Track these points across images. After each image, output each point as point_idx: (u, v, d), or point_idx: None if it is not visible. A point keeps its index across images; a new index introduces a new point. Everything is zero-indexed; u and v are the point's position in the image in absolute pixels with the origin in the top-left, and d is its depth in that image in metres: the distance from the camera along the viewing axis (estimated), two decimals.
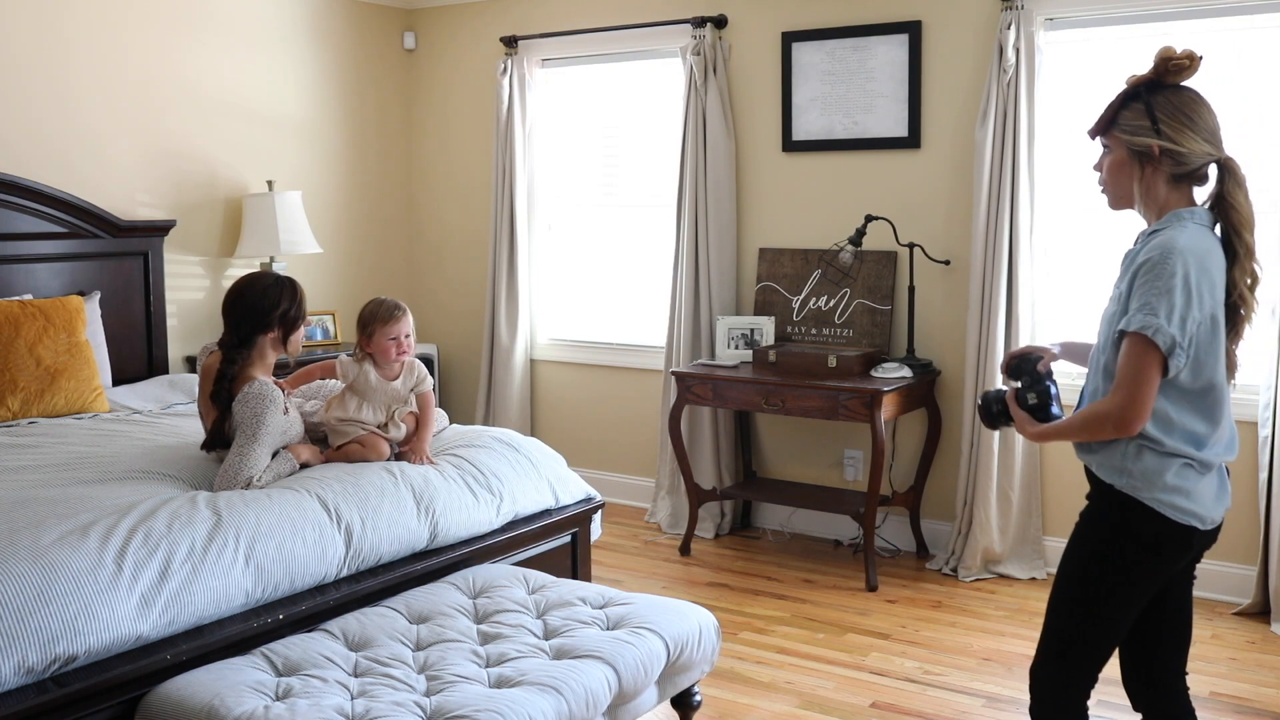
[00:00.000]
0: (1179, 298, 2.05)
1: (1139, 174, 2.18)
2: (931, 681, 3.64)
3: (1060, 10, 4.42)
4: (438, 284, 6.26)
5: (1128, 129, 2.18)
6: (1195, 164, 2.14)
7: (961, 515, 4.63)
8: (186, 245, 5.13)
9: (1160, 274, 2.06)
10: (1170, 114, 2.14)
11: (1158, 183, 2.17)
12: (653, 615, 2.89)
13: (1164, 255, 2.07)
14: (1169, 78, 2.15)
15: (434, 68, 6.12)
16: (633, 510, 5.58)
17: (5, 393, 3.92)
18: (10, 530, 2.61)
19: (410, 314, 3.42)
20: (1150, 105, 2.15)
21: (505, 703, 2.38)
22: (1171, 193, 2.18)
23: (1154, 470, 2.13)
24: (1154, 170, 2.16)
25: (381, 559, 3.06)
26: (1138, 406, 2.07)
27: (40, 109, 4.60)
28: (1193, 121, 2.13)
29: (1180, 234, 2.10)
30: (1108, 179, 2.25)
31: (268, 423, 3.08)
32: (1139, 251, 2.15)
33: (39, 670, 2.36)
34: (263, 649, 2.62)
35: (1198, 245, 2.10)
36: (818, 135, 4.99)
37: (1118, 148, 2.21)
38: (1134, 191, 2.20)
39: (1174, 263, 2.06)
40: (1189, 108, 2.14)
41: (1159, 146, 2.14)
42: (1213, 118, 2.16)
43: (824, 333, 4.97)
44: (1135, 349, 2.07)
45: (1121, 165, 2.20)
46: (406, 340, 3.37)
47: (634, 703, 2.75)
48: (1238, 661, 3.79)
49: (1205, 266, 2.10)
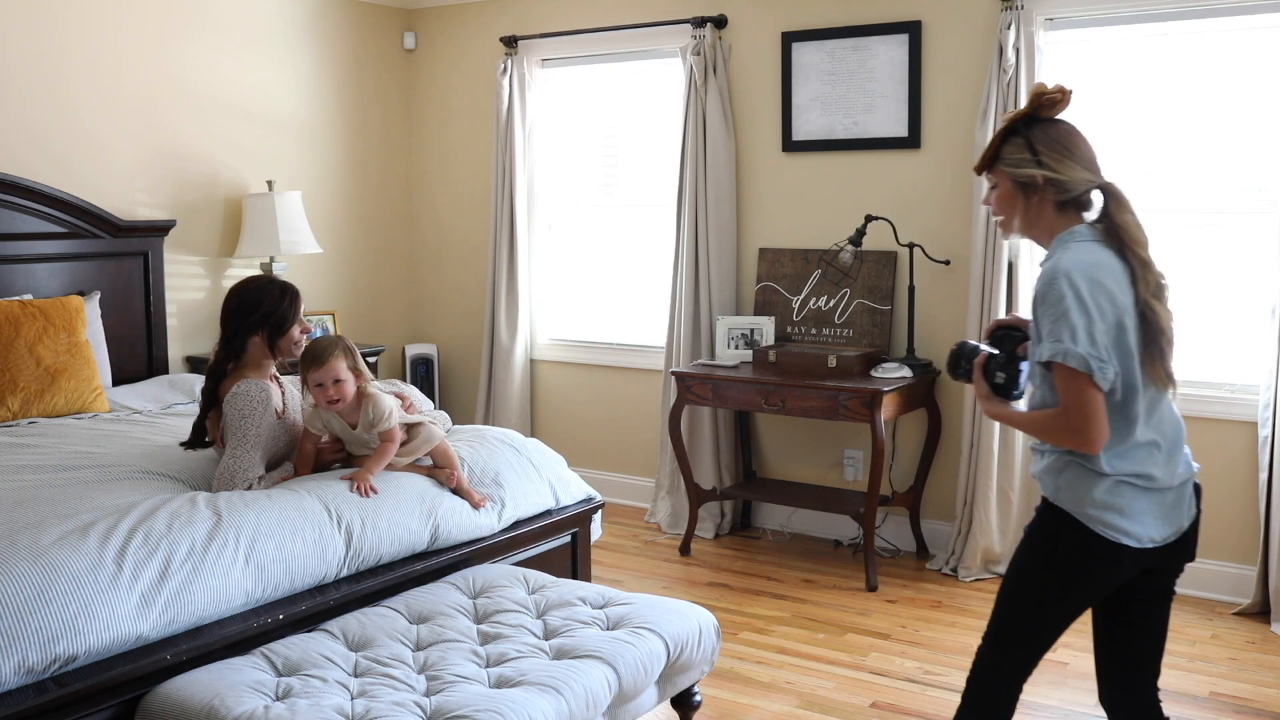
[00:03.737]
0: (1077, 317, 2.11)
1: (1024, 204, 2.28)
2: (931, 681, 3.64)
3: (1060, 10, 4.42)
4: (438, 284, 6.26)
5: (1011, 162, 2.27)
6: (1077, 190, 2.24)
7: (961, 515, 4.63)
8: (186, 245, 5.13)
9: (1051, 299, 2.14)
10: (1048, 145, 2.24)
11: (1045, 210, 2.27)
12: (653, 615, 2.89)
13: (1051, 280, 2.15)
14: (1044, 111, 2.28)
15: (434, 68, 6.12)
16: (633, 510, 5.58)
17: (5, 393, 3.92)
18: (10, 530, 2.61)
19: (346, 355, 3.09)
20: (1029, 139, 2.26)
21: (505, 703, 2.38)
22: (1058, 219, 2.27)
23: (1080, 485, 2.20)
24: (1040, 199, 2.26)
25: (382, 559, 3.05)
26: (1088, 427, 2.13)
27: (40, 109, 4.60)
28: (1070, 151, 2.24)
29: (1064, 255, 2.19)
30: (998, 210, 2.34)
31: (257, 423, 3.06)
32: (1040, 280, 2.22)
33: (39, 670, 2.36)
34: (263, 649, 2.62)
35: (1084, 260, 2.17)
36: (818, 135, 4.99)
37: (1003, 181, 2.30)
38: (1022, 222, 2.31)
39: (1061, 285, 2.13)
40: (1065, 139, 2.26)
41: (1042, 176, 2.23)
42: (1088, 147, 2.27)
43: (824, 333, 4.97)
44: (1061, 377, 2.14)
45: (1009, 197, 2.30)
46: (336, 386, 3.06)
47: (634, 703, 2.76)
48: (1238, 661, 3.78)
49: (1096, 279, 2.15)
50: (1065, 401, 2.15)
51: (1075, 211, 2.27)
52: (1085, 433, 2.14)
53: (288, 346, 3.20)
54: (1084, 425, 2.13)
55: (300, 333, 3.22)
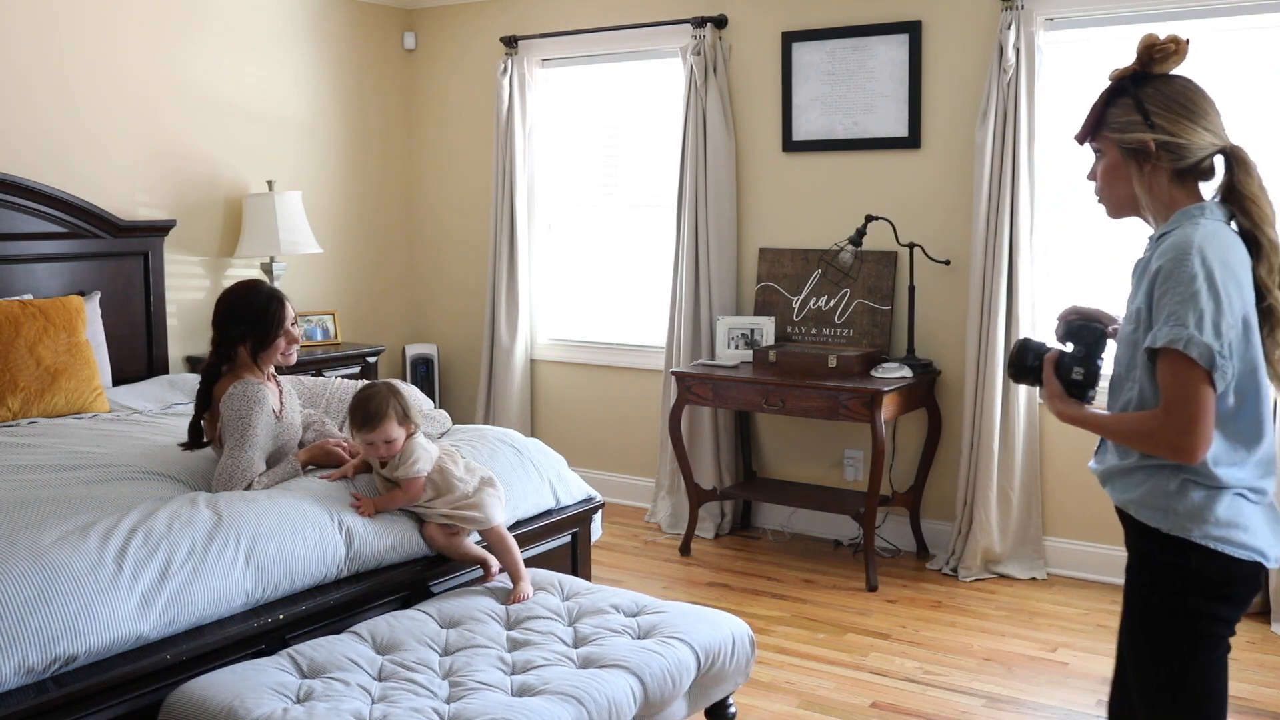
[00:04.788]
0: (1206, 301, 1.83)
1: (1137, 175, 1.98)
2: (931, 681, 3.63)
3: (1060, 10, 4.42)
4: (438, 284, 6.26)
5: (1117, 127, 1.99)
6: (1197, 156, 1.95)
7: (961, 515, 4.63)
8: (186, 245, 5.13)
9: (1180, 278, 1.84)
10: (1162, 105, 1.95)
11: (1159, 181, 1.97)
12: (684, 624, 2.82)
13: (1180, 256, 1.86)
14: (1155, 67, 1.97)
15: (434, 68, 6.12)
16: (633, 510, 5.58)
17: (5, 393, 3.92)
18: (10, 530, 2.61)
19: (396, 414, 2.98)
20: (1139, 99, 1.96)
21: (523, 711, 2.35)
22: (1176, 190, 1.97)
23: (1200, 505, 1.90)
24: (1153, 168, 1.96)
25: (382, 561, 3.05)
26: (1195, 432, 1.84)
27: (40, 109, 4.60)
28: (1188, 110, 1.94)
29: (1194, 231, 1.89)
30: (1103, 185, 2.05)
31: (254, 424, 3.05)
32: (1150, 259, 1.94)
33: (39, 670, 2.36)
34: (289, 650, 2.60)
35: (1216, 241, 1.88)
36: (818, 135, 4.99)
37: (1110, 149, 2.01)
38: (1134, 195, 2.01)
39: (1193, 263, 1.84)
40: (1182, 96, 1.95)
41: (1154, 141, 1.94)
42: (1210, 104, 1.97)
43: (824, 333, 4.97)
44: (1173, 368, 1.84)
45: (1116, 168, 2.01)
46: (387, 445, 3.00)
47: (663, 714, 2.69)
48: (1238, 662, 3.78)
49: (1228, 264, 1.87)
50: (1171, 398, 1.85)
51: (1194, 182, 1.98)
52: (1189, 436, 1.84)
53: (273, 357, 3.18)
54: (1189, 428, 1.84)
55: (287, 344, 3.18)
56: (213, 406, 3.15)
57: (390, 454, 3.03)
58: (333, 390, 3.65)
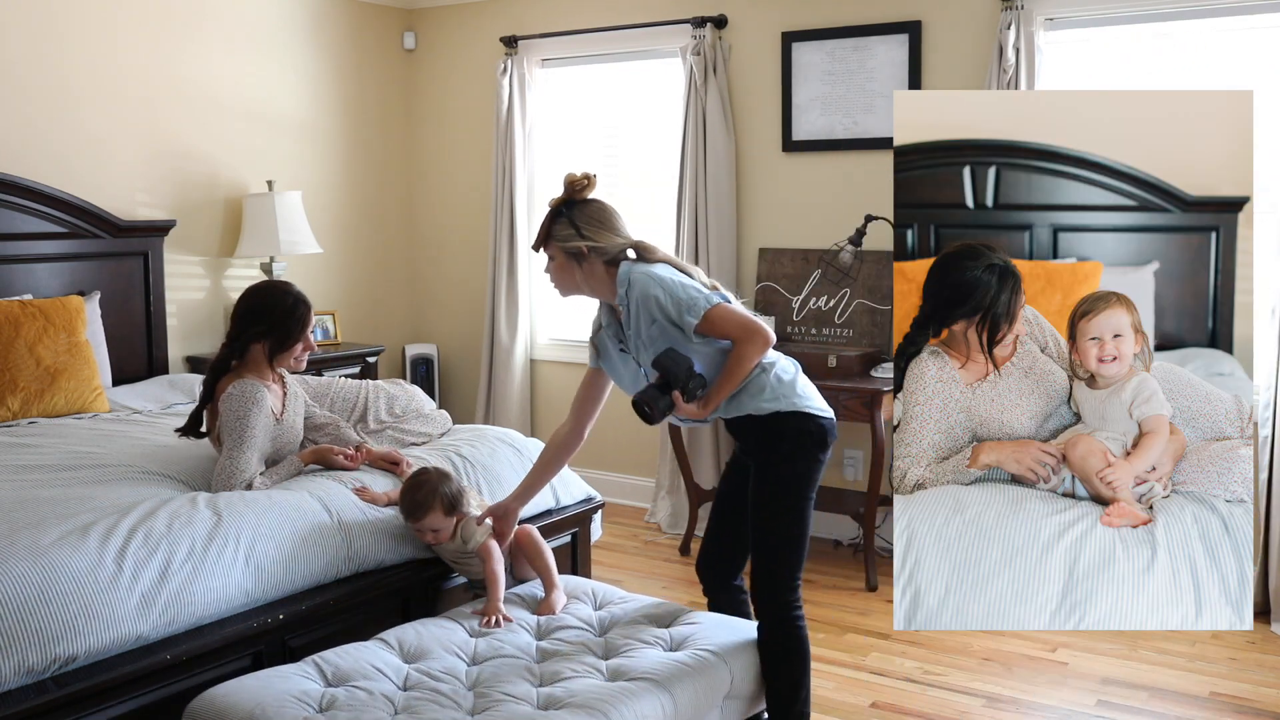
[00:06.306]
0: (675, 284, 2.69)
1: (578, 268, 2.79)
2: (931, 681, 3.64)
3: (1060, 10, 4.42)
4: (438, 284, 6.26)
5: (560, 239, 2.78)
6: (615, 252, 2.78)
7: None
8: (186, 245, 5.13)
9: (666, 290, 2.66)
10: (586, 221, 2.77)
11: (596, 269, 2.79)
12: (718, 637, 2.76)
13: (647, 280, 2.68)
14: (578, 195, 2.79)
15: (434, 68, 6.12)
16: (633, 510, 5.58)
17: (5, 393, 3.92)
18: (10, 530, 2.61)
19: (442, 504, 2.99)
20: (572, 218, 2.77)
21: None
22: (608, 271, 2.80)
23: (789, 385, 2.73)
24: (589, 264, 2.78)
25: (382, 561, 3.05)
26: (756, 328, 2.66)
27: (40, 109, 4.60)
28: (604, 223, 2.79)
29: (637, 273, 2.71)
30: (555, 278, 2.84)
31: (251, 425, 3.05)
32: (630, 304, 2.71)
33: (39, 670, 2.36)
34: (315, 657, 2.57)
35: (648, 272, 2.71)
36: (818, 135, 5.00)
37: (557, 254, 2.80)
38: (577, 282, 2.81)
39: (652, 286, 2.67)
40: (599, 213, 2.79)
41: (586, 247, 2.76)
42: (618, 216, 2.83)
43: (824, 333, 4.97)
44: (717, 314, 2.66)
45: (565, 266, 2.81)
46: (435, 534, 3.02)
47: None
48: (1238, 661, 3.78)
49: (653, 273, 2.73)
50: (731, 326, 2.66)
51: (616, 265, 2.78)
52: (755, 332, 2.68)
53: (287, 360, 3.19)
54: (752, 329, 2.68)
55: (303, 350, 3.20)
56: (214, 401, 3.16)
57: (440, 540, 3.03)
58: (336, 390, 3.65)
